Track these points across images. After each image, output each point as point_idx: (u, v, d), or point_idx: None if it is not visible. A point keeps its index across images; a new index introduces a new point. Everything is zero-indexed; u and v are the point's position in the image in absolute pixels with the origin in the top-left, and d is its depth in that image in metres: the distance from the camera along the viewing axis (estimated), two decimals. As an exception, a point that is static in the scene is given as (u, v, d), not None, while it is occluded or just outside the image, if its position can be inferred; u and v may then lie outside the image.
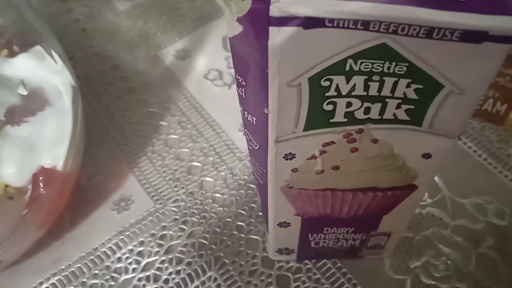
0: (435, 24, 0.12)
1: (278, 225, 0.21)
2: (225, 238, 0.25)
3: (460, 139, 0.14)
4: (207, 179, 0.28)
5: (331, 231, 0.21)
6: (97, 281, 0.24)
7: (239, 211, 0.26)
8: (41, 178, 0.22)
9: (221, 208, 0.26)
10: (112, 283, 0.24)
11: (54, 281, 0.24)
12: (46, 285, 0.24)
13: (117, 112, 0.31)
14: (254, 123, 0.16)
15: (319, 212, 0.19)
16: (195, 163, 0.28)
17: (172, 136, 0.30)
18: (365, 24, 0.12)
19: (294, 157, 0.16)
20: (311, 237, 0.22)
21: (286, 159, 0.16)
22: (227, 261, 0.25)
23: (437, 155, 0.16)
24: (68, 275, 0.24)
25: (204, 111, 0.31)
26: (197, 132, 0.30)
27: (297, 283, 0.24)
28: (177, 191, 0.27)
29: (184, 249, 0.25)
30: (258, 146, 0.17)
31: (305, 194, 0.18)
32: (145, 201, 0.27)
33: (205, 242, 0.25)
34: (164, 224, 0.26)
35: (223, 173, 0.28)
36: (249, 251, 0.25)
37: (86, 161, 0.27)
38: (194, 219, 0.26)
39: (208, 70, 0.32)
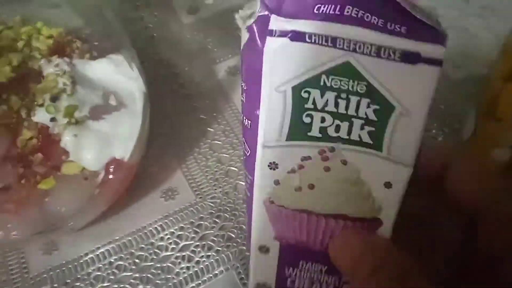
0: (382, 44, 0.16)
1: (259, 249, 0.22)
2: (249, 235, 0.31)
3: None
4: (241, 183, 0.33)
5: (306, 267, 0.22)
6: (142, 253, 0.30)
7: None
8: (112, 166, 0.28)
9: (249, 209, 0.32)
10: (154, 257, 0.30)
11: (108, 248, 0.30)
12: (102, 250, 0.30)
13: (172, 114, 0.36)
14: (249, 126, 0.19)
15: (295, 238, 0.21)
16: (232, 168, 0.34)
17: (216, 141, 0.35)
18: (333, 41, 0.17)
19: (277, 167, 0.19)
20: (287, 272, 0.22)
21: (270, 168, 0.19)
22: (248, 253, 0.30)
23: (397, 185, 0.19)
24: (120, 244, 0.30)
25: (245, 123, 0.36)
26: (237, 141, 0.35)
27: None
28: (215, 189, 0.33)
29: (215, 239, 0.30)
30: (249, 152, 0.19)
31: (284, 214, 0.20)
32: (188, 193, 0.32)
33: (233, 235, 0.31)
34: (201, 215, 0.31)
35: (254, 179, 0.33)
36: (268, 249, 0.30)
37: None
38: (226, 215, 0.31)
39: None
